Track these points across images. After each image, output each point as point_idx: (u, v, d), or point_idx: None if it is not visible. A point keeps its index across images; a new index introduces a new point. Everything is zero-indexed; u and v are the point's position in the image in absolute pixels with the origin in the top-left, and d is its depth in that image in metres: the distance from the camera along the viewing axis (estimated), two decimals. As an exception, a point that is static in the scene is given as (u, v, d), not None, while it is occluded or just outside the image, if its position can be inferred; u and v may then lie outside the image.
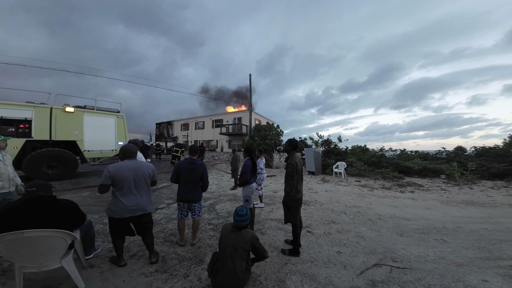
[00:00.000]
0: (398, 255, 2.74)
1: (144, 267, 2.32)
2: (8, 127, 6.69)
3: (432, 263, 2.56)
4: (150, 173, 2.40)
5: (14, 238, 1.64)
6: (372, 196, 6.25)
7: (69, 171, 7.59)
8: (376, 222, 3.98)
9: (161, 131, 33.09)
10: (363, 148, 13.45)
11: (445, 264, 2.55)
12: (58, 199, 2.00)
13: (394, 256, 2.71)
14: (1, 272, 2.11)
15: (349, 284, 2.11)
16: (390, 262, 2.57)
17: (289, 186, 2.57)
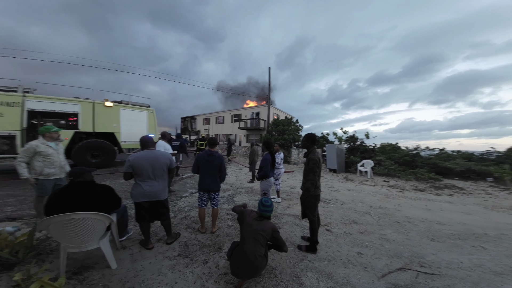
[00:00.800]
0: (427, 260, 2.55)
1: (168, 251, 2.52)
2: (59, 120, 7.71)
3: (465, 271, 2.34)
4: (167, 163, 2.57)
5: (62, 220, 1.85)
6: (401, 197, 5.80)
7: (108, 160, 8.49)
8: (404, 225, 3.71)
9: (186, 125, 34.86)
10: (394, 146, 12.42)
11: (481, 272, 2.31)
12: (97, 184, 2.25)
13: (422, 261, 2.53)
14: (49, 251, 2.37)
15: (369, 286, 2.02)
16: (417, 267, 2.40)
17: (310, 182, 2.51)
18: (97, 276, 1.99)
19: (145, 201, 2.41)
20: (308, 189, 2.54)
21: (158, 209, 2.52)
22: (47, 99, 7.34)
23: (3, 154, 6.46)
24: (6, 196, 4.43)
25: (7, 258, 2.02)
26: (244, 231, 2.01)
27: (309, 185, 2.51)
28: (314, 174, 2.50)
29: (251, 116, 24.26)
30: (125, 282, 1.93)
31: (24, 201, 4.17)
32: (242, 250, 1.89)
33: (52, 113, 7.46)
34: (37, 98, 7.14)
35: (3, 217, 3.28)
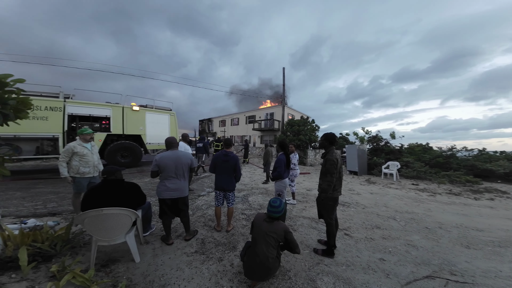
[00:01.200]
0: (458, 268, 2.34)
1: (186, 247, 2.63)
2: (94, 123, 8.50)
3: (504, 280, 2.13)
4: (188, 162, 2.75)
5: (95, 214, 2.03)
6: (432, 202, 5.32)
7: (136, 160, 9.14)
8: (435, 231, 3.43)
9: (203, 127, 36.12)
10: (425, 146, 11.40)
11: (523, 282, 2.04)
12: (126, 182, 2.44)
13: (453, 269, 2.33)
14: (82, 245, 2.56)
15: (391, 295, 1.90)
16: (447, 275, 2.22)
17: (327, 183, 2.41)
18: (122, 269, 2.15)
19: (168, 197, 2.58)
20: (324, 191, 2.44)
21: (179, 206, 2.67)
22: (84, 104, 8.15)
23: (47, 155, 7.30)
24: (49, 193, 5.00)
25: (47, 250, 2.22)
26: (254, 233, 2.01)
27: (326, 187, 2.42)
28: (332, 175, 2.40)
29: (265, 117, 24.17)
30: (146, 275, 2.05)
31: (64, 197, 4.67)
32: (254, 252, 1.88)
33: (88, 117, 8.26)
34: (76, 103, 7.95)
35: (45, 212, 3.70)
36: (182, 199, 2.68)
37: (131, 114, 9.20)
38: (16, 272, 1.92)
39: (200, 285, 1.95)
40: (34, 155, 7.12)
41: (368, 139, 11.73)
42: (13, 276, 1.87)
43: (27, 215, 3.43)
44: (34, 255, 2.10)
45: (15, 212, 3.60)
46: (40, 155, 7.22)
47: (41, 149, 7.18)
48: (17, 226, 2.60)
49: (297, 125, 15.33)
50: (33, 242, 2.23)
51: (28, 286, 1.78)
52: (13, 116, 1.93)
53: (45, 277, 1.94)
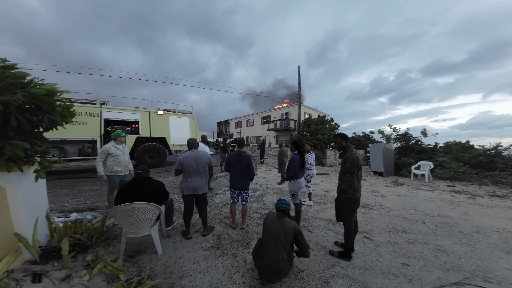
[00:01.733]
0: (495, 275, 2.13)
1: (203, 242, 2.77)
2: (126, 127, 9.33)
3: None
4: (207, 161, 2.93)
5: (125, 208, 2.23)
6: (471, 204, 4.79)
7: (161, 160, 9.79)
8: (470, 236, 3.12)
9: (221, 129, 37.09)
10: (465, 144, 10.20)
11: None
12: (152, 179, 2.67)
13: (488, 276, 2.12)
14: (114, 237, 2.81)
15: (413, 301, 1.79)
16: (481, 282, 2.03)
17: (347, 183, 2.30)
18: (146, 260, 2.34)
19: (190, 194, 2.78)
20: (344, 191, 2.33)
21: (199, 202, 2.87)
22: (117, 109, 8.98)
23: (88, 156, 8.21)
24: (89, 191, 5.62)
25: (84, 241, 2.46)
26: (264, 233, 2.00)
27: (346, 187, 2.31)
28: (352, 175, 2.28)
29: (280, 117, 23.81)
30: (167, 267, 2.22)
31: (101, 194, 5.22)
32: (266, 252, 1.87)
33: (120, 121, 9.10)
34: (110, 109, 8.79)
35: (85, 207, 4.15)
36: (202, 196, 2.87)
37: (157, 118, 9.89)
38: (58, 261, 2.17)
39: (214, 278, 2.05)
40: (77, 156, 8.06)
41: (396, 137, 10.89)
42: (55, 264, 2.12)
43: (71, 210, 3.91)
44: (74, 245, 2.37)
45: (61, 207, 4.12)
46: (82, 156, 8.14)
47: (83, 151, 8.10)
48: (62, 220, 2.98)
49: (314, 124, 14.81)
50: (74, 234, 2.53)
51: (67, 274, 2.00)
52: (60, 121, 2.23)
53: (81, 265, 2.15)
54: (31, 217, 2.21)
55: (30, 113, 1.89)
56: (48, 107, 1.96)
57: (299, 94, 16.51)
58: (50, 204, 2.76)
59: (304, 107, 21.37)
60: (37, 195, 2.41)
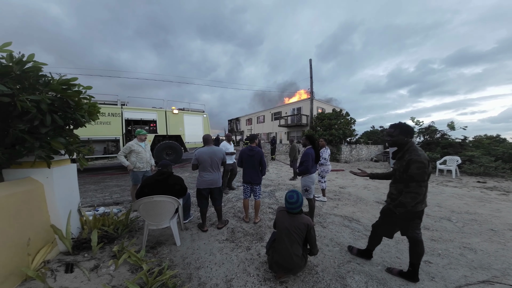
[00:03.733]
0: None
1: (218, 235, 2.86)
2: (145, 126, 9.79)
3: None
4: (221, 157, 3.02)
5: (148, 201, 2.36)
6: (504, 201, 4.41)
7: (177, 157, 10.16)
8: (502, 234, 2.92)
9: (232, 126, 37.34)
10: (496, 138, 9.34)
11: None
12: (173, 175, 2.82)
13: None
14: (137, 229, 2.99)
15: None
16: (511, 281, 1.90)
17: (411, 196, 1.71)
18: (166, 251, 2.48)
19: (205, 187, 2.89)
20: (404, 204, 1.75)
21: (213, 195, 2.98)
22: (136, 109, 9.45)
23: (112, 154, 8.77)
24: (114, 186, 6.02)
25: (111, 233, 2.65)
26: (278, 229, 1.99)
27: (409, 200, 1.72)
28: (420, 185, 1.70)
29: (291, 112, 23.14)
30: (185, 258, 2.33)
31: (125, 189, 5.56)
32: (280, 247, 1.87)
33: (139, 120, 9.56)
34: (130, 109, 9.26)
35: (111, 201, 4.47)
36: (217, 189, 2.97)
37: (172, 117, 10.25)
38: (88, 252, 2.31)
39: (229, 270, 2.12)
40: (103, 154, 8.64)
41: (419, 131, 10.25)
42: (85, 255, 2.29)
43: (98, 204, 4.23)
44: (102, 237, 2.56)
45: (90, 201, 4.47)
46: (107, 155, 8.72)
47: (107, 149, 8.66)
48: (91, 213, 3.24)
49: (327, 118, 14.16)
50: (102, 226, 2.74)
51: (95, 264, 2.13)
52: (88, 118, 2.40)
53: (108, 256, 2.29)
54: (65, 211, 2.42)
55: (61, 110, 2.05)
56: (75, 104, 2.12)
57: (311, 88, 16.05)
58: (81, 199, 3.00)
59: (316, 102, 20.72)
60: (70, 190, 2.63)
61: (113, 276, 1.99)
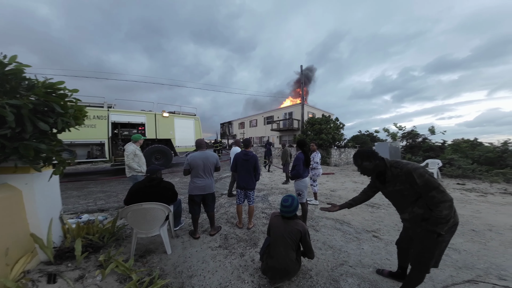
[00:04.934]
0: (510, 273, 2.12)
1: (211, 242, 2.79)
2: (132, 129, 9.48)
3: None
4: (214, 162, 2.96)
5: (137, 208, 2.26)
6: (483, 202, 4.69)
7: (167, 161, 9.89)
8: (483, 234, 3.09)
9: (224, 130, 37.18)
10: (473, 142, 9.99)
11: None
12: (164, 180, 2.72)
13: (502, 274, 2.10)
14: (124, 237, 2.85)
15: (424, 299, 1.77)
16: (494, 279, 2.02)
17: (446, 206, 1.39)
18: (156, 259, 2.38)
19: (197, 194, 2.81)
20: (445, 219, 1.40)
21: (206, 201, 2.91)
22: (123, 112, 9.14)
23: (96, 158, 8.39)
24: (98, 192, 5.74)
25: (96, 242, 2.51)
26: (272, 235, 1.98)
27: (447, 212, 1.38)
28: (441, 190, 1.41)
29: (283, 117, 23.60)
30: (176, 266, 2.25)
31: (110, 196, 5.32)
32: (274, 253, 1.87)
33: (127, 124, 9.25)
34: (117, 112, 8.94)
35: (96, 208, 4.25)
36: (210, 195, 2.91)
37: (162, 120, 10.02)
38: (72, 261, 2.18)
39: (223, 277, 2.07)
40: (86, 159, 8.24)
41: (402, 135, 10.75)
42: (69, 265, 2.16)
43: (82, 211, 4.00)
44: (86, 246, 2.41)
45: (73, 208, 4.22)
46: (91, 159, 8.32)
47: (91, 153, 8.26)
48: (74, 221, 3.06)
49: (318, 123, 14.63)
50: (86, 235, 2.59)
51: (80, 274, 2.03)
52: (73, 123, 2.28)
53: (94, 266, 2.18)
54: (46, 218, 2.27)
55: (44, 115, 1.93)
56: (61, 109, 2.01)
57: (302, 94, 16.42)
58: (62, 206, 2.83)
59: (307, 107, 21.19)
60: (51, 197, 2.47)
61: (100, 287, 1.89)
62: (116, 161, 8.85)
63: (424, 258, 1.55)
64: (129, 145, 3.79)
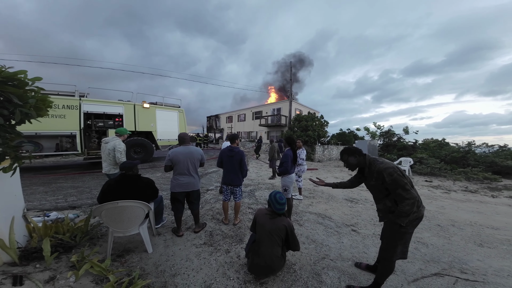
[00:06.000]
0: (470, 267, 2.32)
1: (195, 239, 2.73)
2: (108, 121, 8.84)
3: None
4: (199, 158, 2.84)
5: (111, 207, 2.12)
6: (446, 199, 5.17)
7: (148, 156, 9.42)
8: (447, 229, 3.36)
9: (211, 124, 36.35)
10: (441, 142, 10.96)
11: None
12: (141, 177, 2.54)
13: (464, 267, 2.30)
14: (99, 236, 2.69)
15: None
16: (457, 273, 2.20)
17: (408, 203, 1.56)
18: (136, 259, 2.27)
19: (180, 191, 2.68)
20: (406, 213, 1.58)
21: (190, 199, 2.80)
22: (98, 102, 8.45)
23: (66, 151, 7.71)
24: (69, 188, 5.30)
25: (68, 241, 2.34)
26: (258, 232, 1.99)
27: (408, 208, 1.56)
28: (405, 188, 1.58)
29: (272, 113, 23.74)
30: (158, 265, 2.16)
31: (82, 192, 4.94)
32: (260, 250, 1.88)
33: (102, 114, 8.59)
34: (90, 102, 8.24)
35: (66, 205, 3.92)
36: (194, 192, 2.79)
37: (142, 111, 9.47)
38: (40, 262, 2.05)
39: (208, 275, 2.04)
40: (54, 151, 7.54)
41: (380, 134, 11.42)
42: (37, 266, 2.00)
43: (50, 209, 3.67)
44: (56, 246, 2.23)
45: (39, 205, 3.85)
46: (60, 152, 7.62)
47: (61, 146, 7.56)
48: (40, 219, 2.80)
49: (304, 120, 14.94)
50: (55, 234, 2.38)
51: (50, 276, 1.89)
52: (35, 114, 2.04)
53: (66, 266, 2.05)
54: (6, 217, 2.04)
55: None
56: (19, 99, 1.78)
57: (290, 91, 16.60)
58: (26, 203, 2.56)
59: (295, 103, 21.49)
60: (11, 193, 2.22)
61: (74, 289, 1.74)
62: (90, 155, 8.22)
63: (388, 246, 1.76)
64: (115, 139, 3.39)
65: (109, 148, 3.31)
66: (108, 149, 3.31)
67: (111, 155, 3.30)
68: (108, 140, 3.39)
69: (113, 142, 3.34)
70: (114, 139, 3.40)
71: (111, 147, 3.29)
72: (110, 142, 3.36)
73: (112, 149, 3.29)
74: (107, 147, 3.33)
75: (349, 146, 2.08)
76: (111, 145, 3.31)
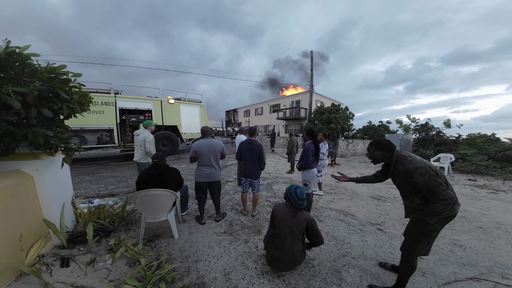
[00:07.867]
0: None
1: (216, 228, 2.87)
2: (139, 116, 9.57)
3: None
4: (220, 150, 2.97)
5: (144, 195, 2.32)
6: (493, 200, 4.56)
7: (174, 148, 10.06)
8: (490, 231, 3.01)
9: (229, 118, 36.80)
10: (490, 137, 9.55)
11: None
12: (170, 167, 2.75)
13: (506, 273, 2.07)
14: (134, 222, 2.97)
15: (425, 294, 1.78)
16: (497, 278, 1.99)
17: (444, 203, 1.46)
18: (164, 244, 2.47)
19: (203, 181, 2.86)
20: (438, 213, 1.49)
21: (212, 189, 2.96)
22: (130, 98, 9.20)
23: (106, 144, 8.60)
24: (109, 177, 5.93)
25: (107, 226, 2.61)
26: (279, 227, 1.95)
27: (442, 208, 1.47)
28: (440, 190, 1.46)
29: (290, 105, 22.78)
30: (183, 251, 2.33)
31: (120, 181, 5.49)
32: (281, 244, 1.87)
33: (134, 110, 9.33)
34: (124, 98, 9.01)
35: (107, 193, 4.40)
36: (216, 183, 2.95)
37: (168, 106, 10.05)
38: (84, 245, 2.29)
39: (228, 263, 2.13)
40: (96, 144, 8.47)
41: (415, 128, 10.37)
42: (81, 249, 2.26)
43: (93, 196, 4.16)
44: (97, 230, 2.51)
45: (84, 193, 4.40)
46: (101, 145, 8.54)
47: (101, 139, 8.47)
48: (86, 205, 3.18)
49: (327, 112, 13.99)
50: (98, 219, 2.69)
51: (91, 258, 2.10)
52: (79, 109, 2.29)
53: (105, 250, 2.27)
54: (58, 204, 2.36)
55: (48, 101, 1.93)
56: (66, 94, 2.00)
57: (311, 81, 15.84)
58: (74, 191, 2.92)
59: (316, 95, 20.43)
60: (63, 182, 2.55)
61: (110, 271, 1.97)
62: (125, 147, 9.05)
63: (411, 241, 1.69)
64: (144, 132, 3.76)
65: (140, 140, 3.72)
66: (140, 140, 3.72)
67: (142, 145, 3.71)
68: (139, 133, 3.80)
69: (143, 134, 3.73)
70: (144, 131, 3.79)
71: (142, 139, 3.70)
72: (140, 134, 3.76)
73: (143, 140, 3.69)
74: (138, 139, 3.75)
75: (380, 138, 1.96)
76: (141, 137, 3.71)
